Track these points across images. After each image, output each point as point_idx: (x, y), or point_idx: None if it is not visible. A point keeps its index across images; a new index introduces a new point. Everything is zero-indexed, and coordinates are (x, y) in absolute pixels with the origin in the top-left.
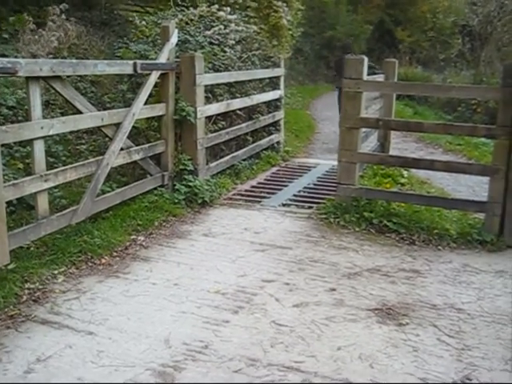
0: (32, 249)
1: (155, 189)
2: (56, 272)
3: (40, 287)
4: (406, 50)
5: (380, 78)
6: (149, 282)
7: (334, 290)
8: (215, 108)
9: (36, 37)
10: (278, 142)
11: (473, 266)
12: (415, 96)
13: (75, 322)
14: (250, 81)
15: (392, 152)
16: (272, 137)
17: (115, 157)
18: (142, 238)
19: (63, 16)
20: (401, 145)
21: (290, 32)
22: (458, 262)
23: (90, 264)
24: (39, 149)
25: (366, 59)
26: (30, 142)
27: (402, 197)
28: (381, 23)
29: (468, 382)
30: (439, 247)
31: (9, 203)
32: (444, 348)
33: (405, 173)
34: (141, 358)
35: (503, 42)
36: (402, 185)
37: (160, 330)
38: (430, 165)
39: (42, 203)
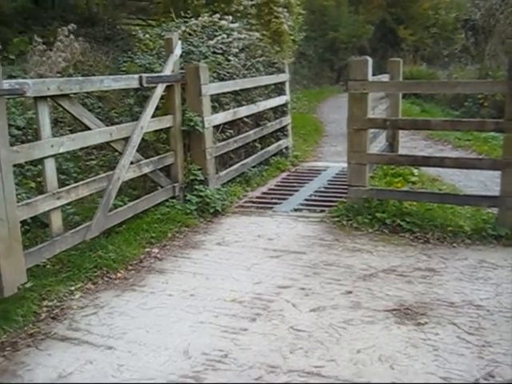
0: (48, 266)
1: (167, 200)
2: (73, 288)
3: (58, 304)
4: (410, 47)
5: (385, 77)
6: (165, 294)
7: (350, 292)
8: (222, 117)
9: (44, 58)
10: (286, 147)
11: (489, 261)
12: (421, 94)
13: (94, 337)
14: (255, 88)
15: (401, 151)
16: (280, 142)
17: (126, 171)
18: (157, 250)
19: (71, 36)
20: (409, 143)
21: (292, 37)
22: (474, 258)
23: (106, 279)
24: (50, 167)
25: (370, 60)
26: (40, 160)
27: (414, 195)
28: (383, 23)
29: (491, 378)
30: (454, 244)
31: (23, 222)
32: (464, 346)
33: (415, 171)
34: (161, 370)
35: (507, 35)
36: (413, 183)
37: (179, 341)
38: (440, 162)
39: (56, 221)
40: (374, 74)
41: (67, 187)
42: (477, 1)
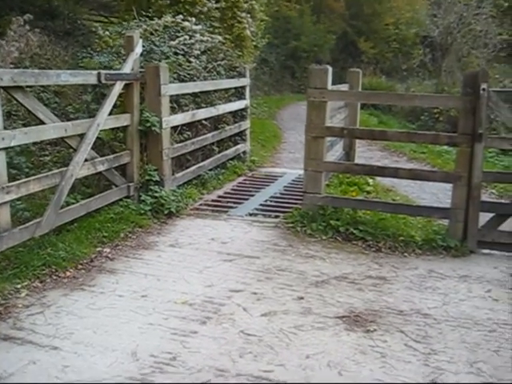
0: None
1: (121, 200)
2: (19, 286)
3: (2, 302)
4: (370, 60)
5: (344, 87)
6: (115, 295)
7: (301, 298)
8: (181, 118)
9: None
10: (244, 152)
11: (438, 271)
12: (380, 105)
13: (39, 337)
14: (215, 91)
15: (357, 160)
16: (238, 146)
17: (79, 168)
18: (108, 250)
19: (27, 26)
20: (366, 153)
21: (254, 42)
22: (424, 267)
23: (55, 277)
24: (0, 160)
25: (330, 69)
26: None
27: (368, 204)
28: (344, 34)
29: None
30: (405, 254)
31: None
32: (411, 353)
33: (370, 181)
34: (108, 372)
35: (463, 53)
36: (368, 193)
37: (127, 342)
38: (395, 173)
39: (4, 216)
40: (333, 84)
41: (18, 182)
42: (435, 19)
